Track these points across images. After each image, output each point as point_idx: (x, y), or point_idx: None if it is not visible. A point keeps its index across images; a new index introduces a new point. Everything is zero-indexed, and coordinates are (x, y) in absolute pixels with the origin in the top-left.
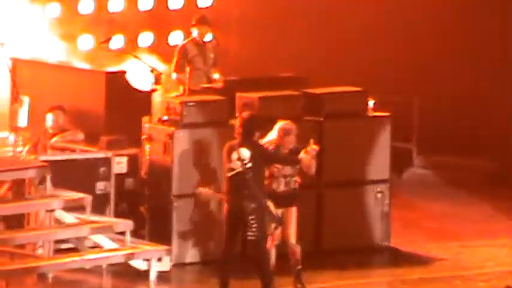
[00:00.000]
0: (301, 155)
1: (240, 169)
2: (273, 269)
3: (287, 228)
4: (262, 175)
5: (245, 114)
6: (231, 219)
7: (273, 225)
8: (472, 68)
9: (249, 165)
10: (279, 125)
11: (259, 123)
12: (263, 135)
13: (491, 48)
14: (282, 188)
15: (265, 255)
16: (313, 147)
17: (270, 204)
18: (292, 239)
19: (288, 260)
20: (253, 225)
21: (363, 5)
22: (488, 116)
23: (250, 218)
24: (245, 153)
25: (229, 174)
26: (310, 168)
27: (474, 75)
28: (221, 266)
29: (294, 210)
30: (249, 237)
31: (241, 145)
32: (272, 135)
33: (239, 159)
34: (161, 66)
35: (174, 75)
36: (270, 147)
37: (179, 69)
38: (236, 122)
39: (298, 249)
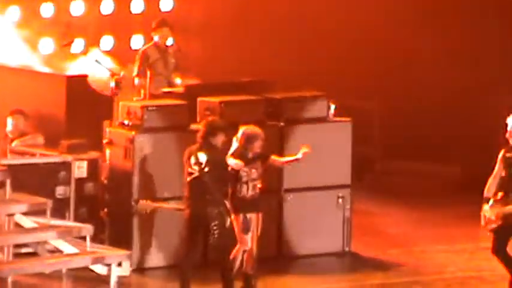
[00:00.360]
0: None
1: (197, 174)
2: (236, 274)
3: (255, 232)
4: (221, 180)
5: (208, 119)
6: (192, 224)
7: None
8: (435, 72)
9: (206, 169)
10: (244, 129)
11: (221, 128)
12: (228, 141)
13: (455, 50)
14: (250, 192)
15: (228, 261)
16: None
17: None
18: (254, 244)
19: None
20: (216, 231)
21: (323, 10)
22: (450, 121)
23: (213, 223)
24: (202, 157)
25: (188, 179)
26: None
27: (436, 79)
28: (182, 271)
29: (260, 216)
30: (212, 243)
31: (199, 149)
32: (237, 141)
33: (196, 163)
34: (122, 71)
35: (136, 81)
36: (234, 153)
37: (140, 74)
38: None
39: (255, 255)
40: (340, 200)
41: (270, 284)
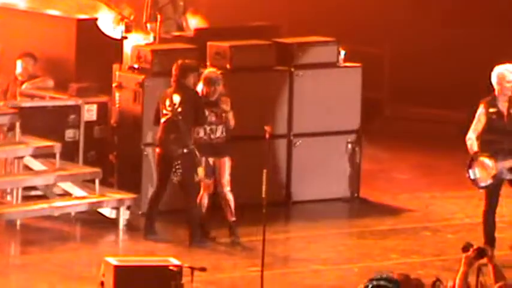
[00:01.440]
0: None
1: (170, 114)
2: (205, 217)
3: (220, 178)
4: (192, 121)
5: (179, 61)
6: (161, 163)
7: (202, 173)
8: (446, 19)
9: (179, 109)
10: (205, 73)
11: (192, 69)
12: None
13: (464, 4)
14: (210, 136)
15: (193, 206)
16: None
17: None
18: (226, 188)
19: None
20: (178, 170)
21: None
22: (461, 67)
23: (175, 163)
24: (176, 98)
25: (162, 120)
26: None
27: (447, 26)
28: (148, 208)
29: (226, 160)
30: (174, 181)
31: (174, 92)
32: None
33: (170, 105)
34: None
35: (148, 26)
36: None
37: (150, 18)
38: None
39: (231, 198)
40: (349, 146)
41: (279, 230)
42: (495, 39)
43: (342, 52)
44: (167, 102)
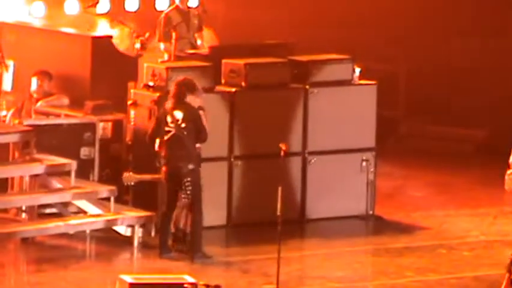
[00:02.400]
0: None
1: (174, 131)
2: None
3: None
4: (194, 137)
5: (179, 78)
6: (169, 182)
7: None
8: (462, 36)
9: (183, 125)
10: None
11: (191, 87)
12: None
13: (480, 16)
14: None
15: (201, 218)
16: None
17: None
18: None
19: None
20: (188, 188)
21: None
22: (477, 84)
23: (185, 180)
24: (178, 114)
25: (166, 137)
26: None
27: (464, 43)
28: (161, 228)
29: None
30: (184, 199)
31: (174, 108)
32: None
33: (173, 121)
34: (147, 32)
35: (161, 46)
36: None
37: (164, 38)
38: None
39: None
40: (364, 163)
41: (294, 247)
42: None
43: (357, 70)
44: (169, 119)
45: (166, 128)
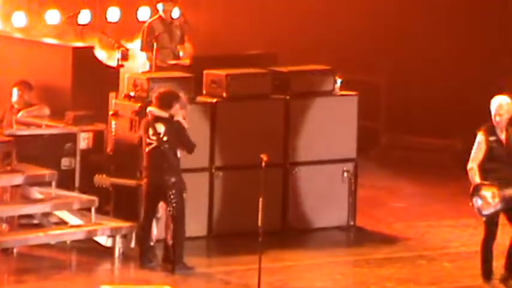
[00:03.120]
0: None
1: (156, 143)
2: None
3: None
4: (176, 149)
5: (160, 90)
6: (150, 194)
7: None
8: (441, 48)
9: (165, 138)
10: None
11: (174, 99)
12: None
13: (459, 26)
14: None
15: (183, 229)
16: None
17: None
18: None
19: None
20: (173, 200)
21: None
22: (456, 96)
23: (170, 192)
24: (159, 128)
25: (147, 149)
26: None
27: (442, 55)
28: (140, 239)
29: None
30: (170, 212)
31: (155, 121)
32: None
33: (154, 134)
34: (129, 43)
35: (144, 55)
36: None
37: (147, 47)
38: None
39: None
40: (345, 174)
41: (276, 258)
42: (492, 68)
43: (338, 80)
44: (150, 131)
45: (147, 140)
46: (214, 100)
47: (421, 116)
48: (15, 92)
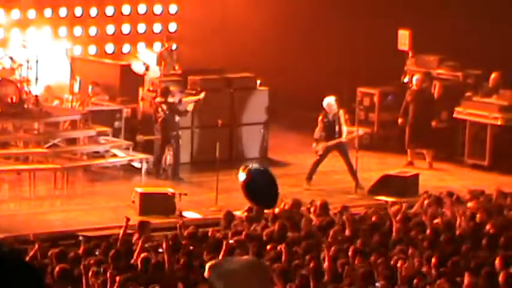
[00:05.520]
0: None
1: (163, 115)
2: None
3: None
4: (175, 118)
5: (163, 86)
6: (162, 140)
7: None
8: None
9: (167, 112)
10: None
11: (168, 91)
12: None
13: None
14: None
15: (178, 155)
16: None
17: None
18: None
19: None
20: (174, 143)
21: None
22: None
23: (172, 140)
24: (164, 106)
25: (160, 119)
26: None
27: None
28: (155, 163)
29: None
30: (173, 148)
31: (161, 103)
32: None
33: (162, 110)
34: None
35: (157, 68)
36: None
37: (159, 63)
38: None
39: None
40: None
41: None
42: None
43: None
44: (159, 110)
45: (159, 114)
46: (194, 92)
47: None
48: (89, 87)
